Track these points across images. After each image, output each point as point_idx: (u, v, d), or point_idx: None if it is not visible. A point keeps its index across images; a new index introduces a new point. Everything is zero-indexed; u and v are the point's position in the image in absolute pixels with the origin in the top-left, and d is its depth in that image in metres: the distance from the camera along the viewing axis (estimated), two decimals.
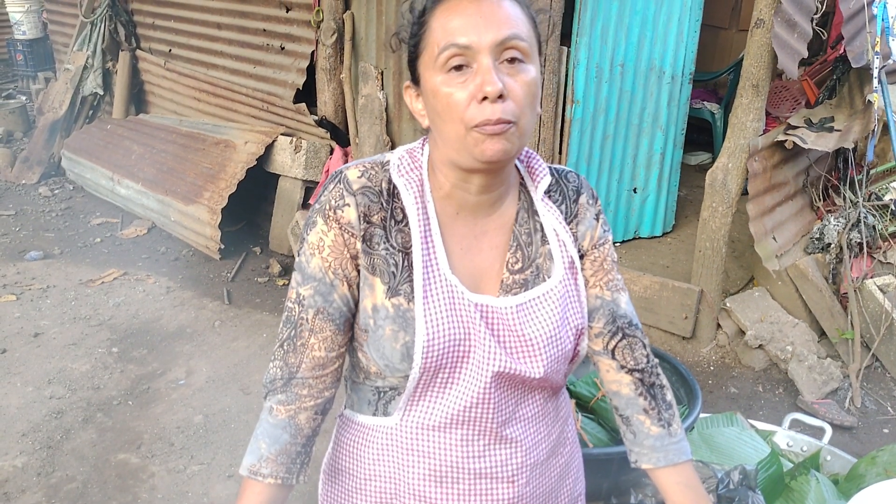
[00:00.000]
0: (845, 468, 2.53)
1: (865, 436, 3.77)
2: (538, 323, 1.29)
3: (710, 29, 6.45)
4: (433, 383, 1.27)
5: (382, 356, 1.26)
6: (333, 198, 1.25)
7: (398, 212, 1.27)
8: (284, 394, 1.30)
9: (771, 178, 4.29)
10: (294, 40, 5.87)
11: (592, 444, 2.31)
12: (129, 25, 7.56)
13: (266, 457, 1.31)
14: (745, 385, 4.14)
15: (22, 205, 6.82)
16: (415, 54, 1.24)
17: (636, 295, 4.44)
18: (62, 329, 4.67)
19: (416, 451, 1.33)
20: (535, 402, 1.37)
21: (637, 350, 1.43)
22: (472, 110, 1.16)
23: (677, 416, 1.45)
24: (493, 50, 1.16)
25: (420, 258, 1.25)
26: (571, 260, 1.36)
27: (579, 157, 4.74)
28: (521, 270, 1.33)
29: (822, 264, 4.34)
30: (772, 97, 5.38)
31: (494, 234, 1.33)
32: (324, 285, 1.26)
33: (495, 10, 1.17)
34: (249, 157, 5.68)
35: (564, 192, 1.39)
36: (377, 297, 1.25)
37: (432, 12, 1.20)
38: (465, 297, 1.26)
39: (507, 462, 1.34)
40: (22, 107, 9.02)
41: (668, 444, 1.42)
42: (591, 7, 4.40)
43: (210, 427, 3.75)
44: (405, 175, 1.28)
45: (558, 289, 1.33)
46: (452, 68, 1.17)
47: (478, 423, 1.30)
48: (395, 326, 1.24)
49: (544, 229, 1.35)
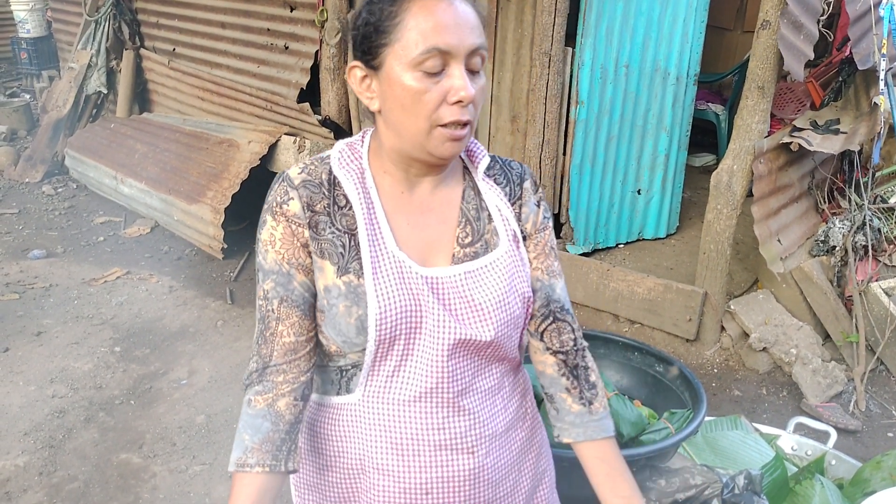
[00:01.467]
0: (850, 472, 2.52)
1: (870, 440, 3.75)
2: (486, 288, 1.36)
3: (716, 30, 6.43)
4: (390, 356, 1.33)
5: (339, 332, 1.32)
6: (279, 195, 1.33)
7: (341, 198, 1.34)
8: (261, 384, 1.35)
9: (776, 180, 4.27)
10: (298, 40, 5.86)
11: None
12: (134, 24, 7.56)
13: (250, 447, 1.33)
14: (749, 388, 4.12)
15: (25, 203, 6.82)
16: (381, 42, 1.25)
17: (639, 297, 4.43)
18: (64, 328, 4.66)
19: (378, 425, 1.38)
20: (493, 374, 1.43)
21: (564, 334, 1.50)
22: (443, 110, 1.24)
23: (601, 396, 1.51)
24: (465, 56, 1.24)
25: (365, 237, 1.31)
26: (514, 234, 1.43)
27: (583, 159, 4.73)
28: (472, 244, 1.40)
29: (827, 267, 4.32)
30: (776, 99, 5.36)
31: (440, 210, 1.40)
32: (282, 276, 1.33)
33: (468, 18, 1.25)
34: (253, 156, 5.67)
35: (508, 177, 1.47)
36: (328, 277, 1.32)
37: (406, 5, 1.23)
38: (413, 271, 1.33)
39: (467, 433, 1.39)
40: (26, 105, 9.02)
41: (587, 422, 1.49)
42: (596, 8, 4.39)
43: (212, 427, 3.75)
44: (346, 166, 1.36)
45: (504, 259, 1.39)
46: (430, 70, 1.23)
47: (435, 394, 1.35)
48: (347, 302, 1.30)
49: (488, 207, 1.43)
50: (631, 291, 4.46)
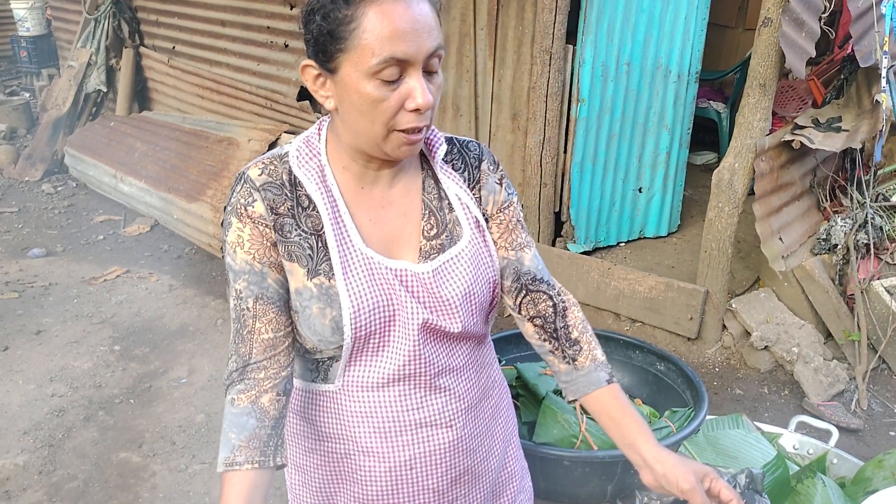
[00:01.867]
0: (852, 471, 2.51)
1: (872, 438, 3.74)
2: (453, 283, 1.38)
3: (717, 28, 6.42)
4: (366, 349, 1.36)
5: (315, 333, 1.33)
6: (242, 196, 1.31)
7: (304, 199, 1.33)
8: (242, 382, 1.34)
9: (777, 178, 4.26)
10: (298, 37, 5.78)
11: (597, 446, 2.30)
12: (133, 22, 7.55)
13: (238, 445, 1.31)
14: (750, 386, 4.11)
15: (25, 202, 6.81)
16: (337, 48, 1.22)
17: (641, 295, 4.42)
18: (64, 327, 4.65)
19: (359, 412, 1.41)
20: (462, 352, 1.46)
21: (541, 303, 1.52)
22: (401, 117, 1.24)
23: (585, 349, 1.52)
24: (423, 61, 1.22)
25: (333, 237, 1.31)
26: (476, 220, 1.44)
27: (584, 157, 4.72)
28: (437, 236, 1.40)
29: (829, 265, 4.31)
30: (778, 97, 5.34)
31: (401, 202, 1.40)
32: (254, 275, 1.32)
33: (425, 19, 1.21)
34: (253, 154, 5.66)
35: (466, 160, 1.47)
36: (298, 280, 1.32)
37: (362, 9, 1.19)
38: (381, 265, 1.34)
39: (444, 409, 1.43)
40: (25, 104, 9.02)
41: (576, 378, 1.51)
42: (597, 5, 4.37)
43: (212, 426, 3.74)
44: (304, 165, 1.34)
45: (468, 249, 1.41)
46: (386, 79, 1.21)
47: (413, 378, 1.38)
48: (320, 304, 1.31)
49: (448, 197, 1.43)
50: (632, 290, 4.45)
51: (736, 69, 6.47)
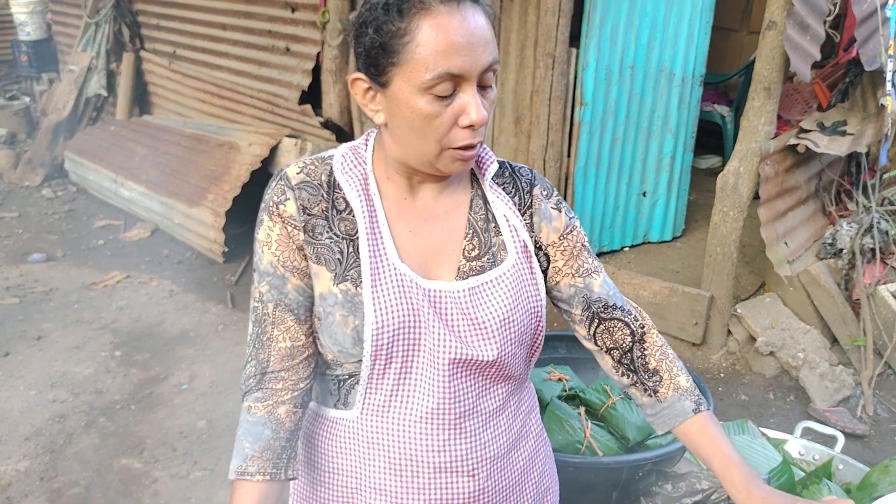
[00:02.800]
0: (858, 477, 2.50)
1: (878, 444, 3.72)
2: (491, 305, 1.31)
3: (721, 31, 6.40)
4: (388, 372, 1.29)
5: (335, 342, 1.28)
6: (276, 194, 1.28)
7: (340, 202, 1.30)
8: (260, 391, 1.32)
9: (783, 182, 4.24)
10: (299, 41, 5.84)
11: (602, 452, 2.28)
12: (134, 26, 7.54)
13: (251, 455, 1.30)
14: (755, 392, 4.09)
15: (25, 207, 6.80)
16: (390, 61, 1.18)
17: (645, 300, 4.40)
18: (65, 332, 4.63)
19: (377, 444, 1.34)
20: (498, 395, 1.38)
21: (616, 332, 1.45)
22: (454, 134, 1.20)
23: (666, 379, 1.45)
24: (477, 76, 1.18)
25: (366, 244, 1.27)
26: (524, 244, 1.38)
27: (588, 160, 4.70)
28: (478, 257, 1.34)
29: (835, 270, 4.28)
30: (783, 100, 5.31)
31: (445, 218, 1.35)
32: (277, 278, 1.29)
33: (480, 33, 1.18)
34: (254, 158, 5.65)
35: (517, 184, 1.42)
36: (324, 284, 1.28)
37: (416, 22, 1.15)
38: (414, 283, 1.28)
39: (468, 456, 1.35)
40: (26, 108, 9.00)
41: (660, 411, 1.44)
42: (601, 8, 4.35)
43: (213, 432, 3.71)
44: (348, 172, 1.31)
45: (511, 272, 1.34)
46: (440, 94, 1.17)
47: (437, 415, 1.31)
48: (344, 311, 1.26)
49: (496, 218, 1.37)
50: (636, 295, 4.43)
51: (740, 72, 6.45)
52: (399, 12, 1.16)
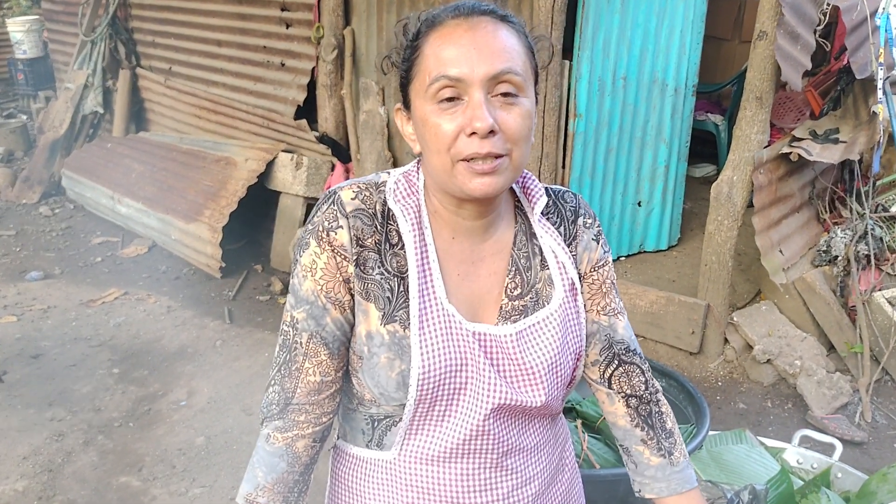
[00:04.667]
0: (856, 485, 2.49)
1: (876, 451, 3.72)
2: (539, 350, 1.26)
3: (713, 40, 6.43)
4: (430, 415, 1.24)
5: (377, 384, 1.23)
6: (327, 219, 1.21)
7: (393, 234, 1.23)
8: (282, 420, 1.27)
9: (776, 190, 4.25)
10: (294, 56, 5.86)
11: (599, 464, 2.28)
12: (130, 43, 7.56)
13: (263, 486, 1.29)
14: (753, 400, 4.09)
15: (22, 224, 6.80)
16: (406, 79, 1.20)
17: (642, 310, 4.40)
18: (63, 350, 4.63)
19: (416, 487, 1.29)
20: (536, 430, 1.34)
21: (634, 377, 1.40)
22: (461, 143, 1.14)
23: (679, 443, 1.42)
24: (485, 84, 1.13)
25: (416, 284, 1.21)
26: (572, 282, 1.32)
27: (583, 172, 4.71)
28: (521, 296, 1.29)
29: (830, 277, 4.29)
30: (776, 109, 5.35)
31: (492, 259, 1.30)
32: (316, 308, 1.22)
33: (490, 42, 1.14)
34: (250, 174, 5.66)
35: (562, 214, 1.36)
36: (371, 323, 1.22)
37: (426, 37, 1.17)
38: (462, 326, 1.23)
39: (510, 494, 1.31)
40: (22, 126, 9.02)
41: (669, 475, 1.40)
42: (593, 20, 4.38)
43: (212, 449, 3.71)
44: (401, 200, 1.25)
45: (558, 313, 1.29)
46: (444, 100, 1.14)
47: (478, 455, 1.27)
48: (390, 354, 1.20)
49: (543, 253, 1.31)
50: (633, 304, 4.43)
51: (733, 81, 6.48)
52: (415, 36, 1.19)
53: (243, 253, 5.97)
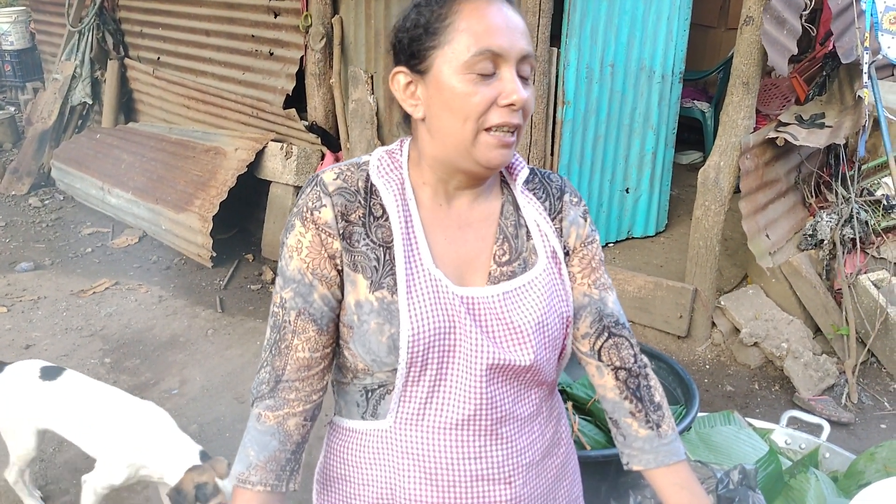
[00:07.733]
0: (844, 465, 2.52)
1: (863, 432, 3.76)
2: (525, 309, 1.30)
3: (699, 28, 6.45)
4: (422, 379, 1.27)
5: (369, 351, 1.26)
6: (310, 200, 1.27)
7: (377, 208, 1.28)
8: (272, 399, 1.31)
9: (763, 175, 4.29)
10: (283, 46, 5.85)
11: (590, 446, 2.30)
12: (117, 34, 7.53)
13: (255, 464, 1.31)
14: (741, 383, 4.13)
15: (12, 216, 6.78)
16: (430, 44, 1.22)
17: (630, 295, 4.44)
18: (54, 340, 4.63)
19: (411, 454, 1.31)
20: (531, 400, 1.36)
21: (623, 350, 1.43)
22: (492, 113, 1.20)
23: (668, 416, 1.44)
24: (517, 61, 1.21)
25: (402, 252, 1.25)
26: (553, 251, 1.37)
27: (571, 159, 4.73)
28: (509, 262, 1.33)
29: (816, 261, 4.33)
30: (761, 95, 5.38)
31: (479, 225, 1.34)
32: (303, 286, 1.27)
33: (517, 23, 1.23)
34: (240, 163, 5.66)
35: (548, 191, 1.41)
36: (360, 292, 1.26)
37: (456, 7, 1.21)
38: (449, 290, 1.27)
39: (504, 463, 1.33)
40: (10, 118, 8.98)
41: (658, 446, 1.42)
42: (580, 8, 4.39)
43: (205, 436, 3.72)
44: (385, 175, 1.30)
45: (543, 277, 1.33)
46: (481, 72, 1.19)
47: (472, 422, 1.29)
48: (380, 319, 1.24)
49: (527, 224, 1.37)
50: (621, 290, 4.46)
51: (719, 68, 6.50)
52: (442, 2, 1.22)
53: (234, 242, 5.98)
